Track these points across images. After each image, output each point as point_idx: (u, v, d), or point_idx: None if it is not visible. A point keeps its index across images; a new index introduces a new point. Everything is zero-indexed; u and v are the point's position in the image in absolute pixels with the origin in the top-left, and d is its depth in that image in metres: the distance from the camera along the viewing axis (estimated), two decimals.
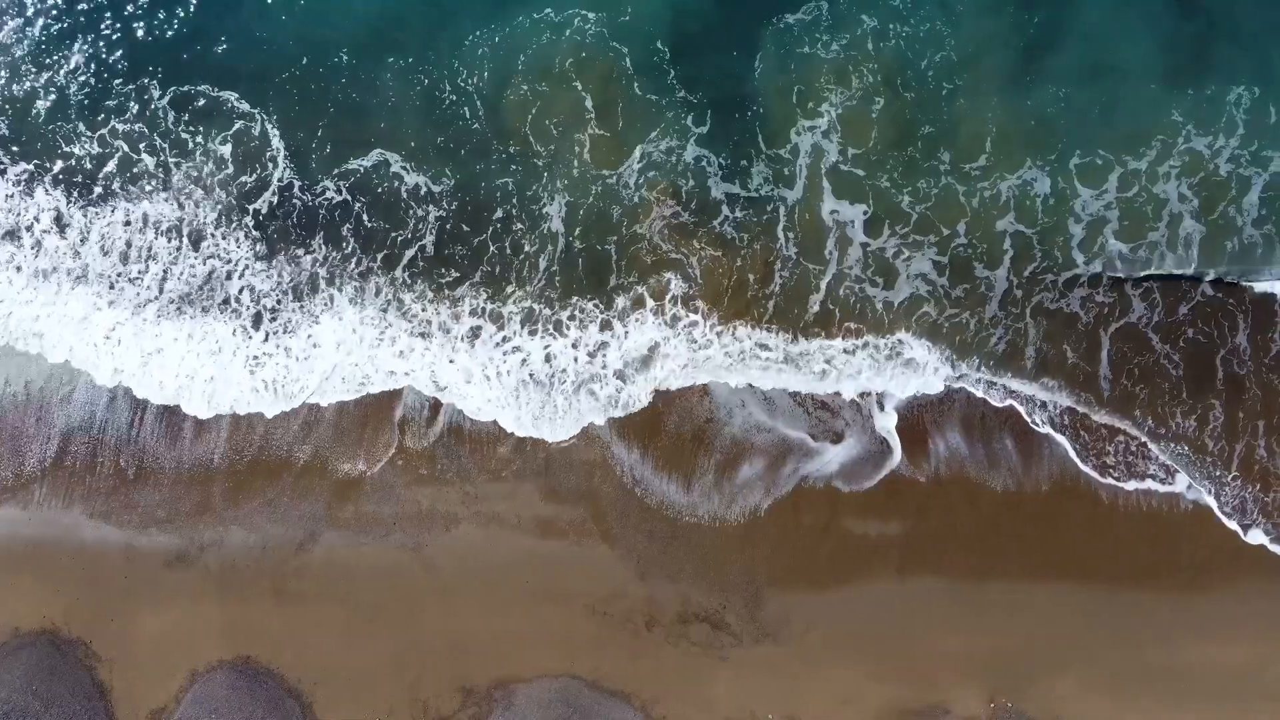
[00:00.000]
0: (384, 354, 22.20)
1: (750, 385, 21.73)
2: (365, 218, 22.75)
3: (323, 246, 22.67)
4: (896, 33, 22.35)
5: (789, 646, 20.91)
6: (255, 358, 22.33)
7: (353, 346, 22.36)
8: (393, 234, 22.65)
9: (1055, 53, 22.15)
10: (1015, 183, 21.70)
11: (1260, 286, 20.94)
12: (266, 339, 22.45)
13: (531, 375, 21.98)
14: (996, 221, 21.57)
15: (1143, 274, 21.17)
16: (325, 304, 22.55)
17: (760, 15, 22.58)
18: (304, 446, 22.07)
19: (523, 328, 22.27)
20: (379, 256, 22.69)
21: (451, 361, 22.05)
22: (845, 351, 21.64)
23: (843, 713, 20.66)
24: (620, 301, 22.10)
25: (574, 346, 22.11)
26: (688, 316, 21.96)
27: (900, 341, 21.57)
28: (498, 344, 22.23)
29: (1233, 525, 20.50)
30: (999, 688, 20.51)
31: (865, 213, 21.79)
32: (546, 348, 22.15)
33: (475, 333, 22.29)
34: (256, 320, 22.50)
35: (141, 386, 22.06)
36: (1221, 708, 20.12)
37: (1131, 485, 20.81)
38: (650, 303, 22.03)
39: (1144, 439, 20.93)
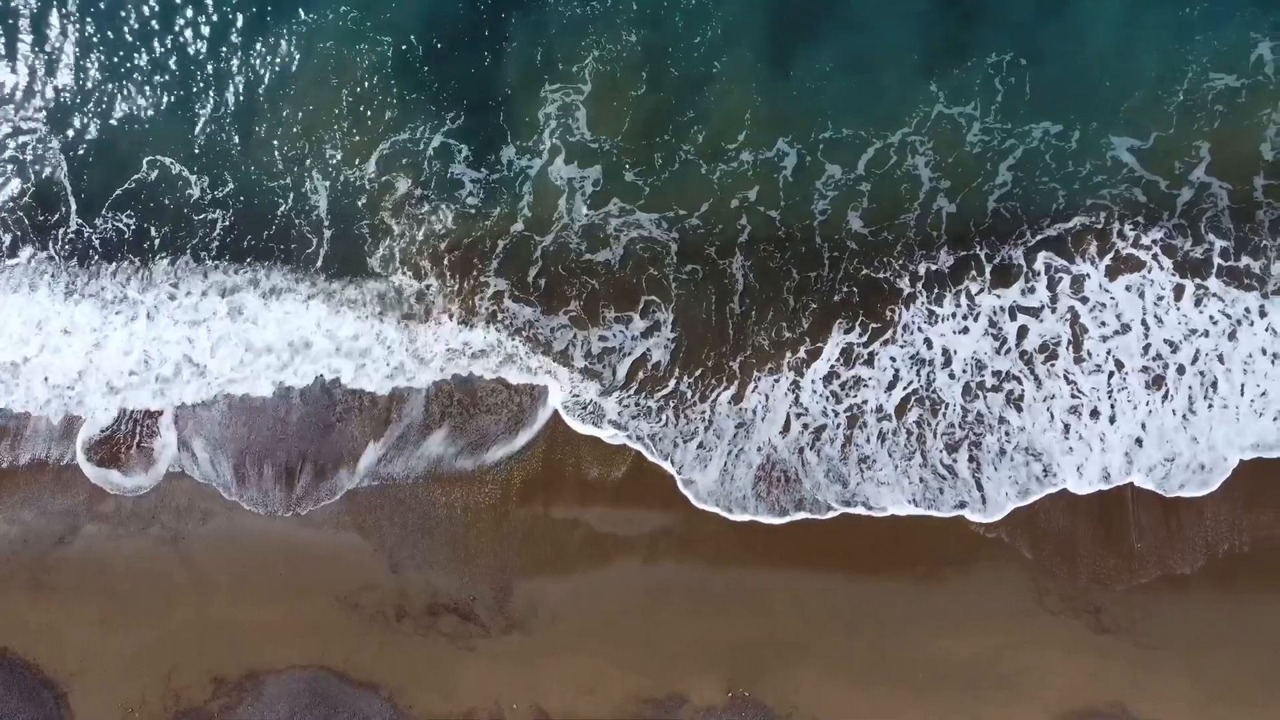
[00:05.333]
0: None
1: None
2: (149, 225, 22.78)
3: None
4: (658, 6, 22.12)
5: (536, 637, 21.07)
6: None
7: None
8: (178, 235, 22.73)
9: (820, 23, 21.86)
10: (768, 155, 21.56)
11: None
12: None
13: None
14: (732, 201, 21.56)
15: None
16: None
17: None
18: (65, 443, 22.18)
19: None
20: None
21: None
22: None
23: (586, 701, 20.85)
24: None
25: None
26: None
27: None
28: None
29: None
30: (738, 677, 20.65)
31: (596, 183, 21.78)
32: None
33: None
34: None
35: None
36: (956, 695, 20.21)
37: None
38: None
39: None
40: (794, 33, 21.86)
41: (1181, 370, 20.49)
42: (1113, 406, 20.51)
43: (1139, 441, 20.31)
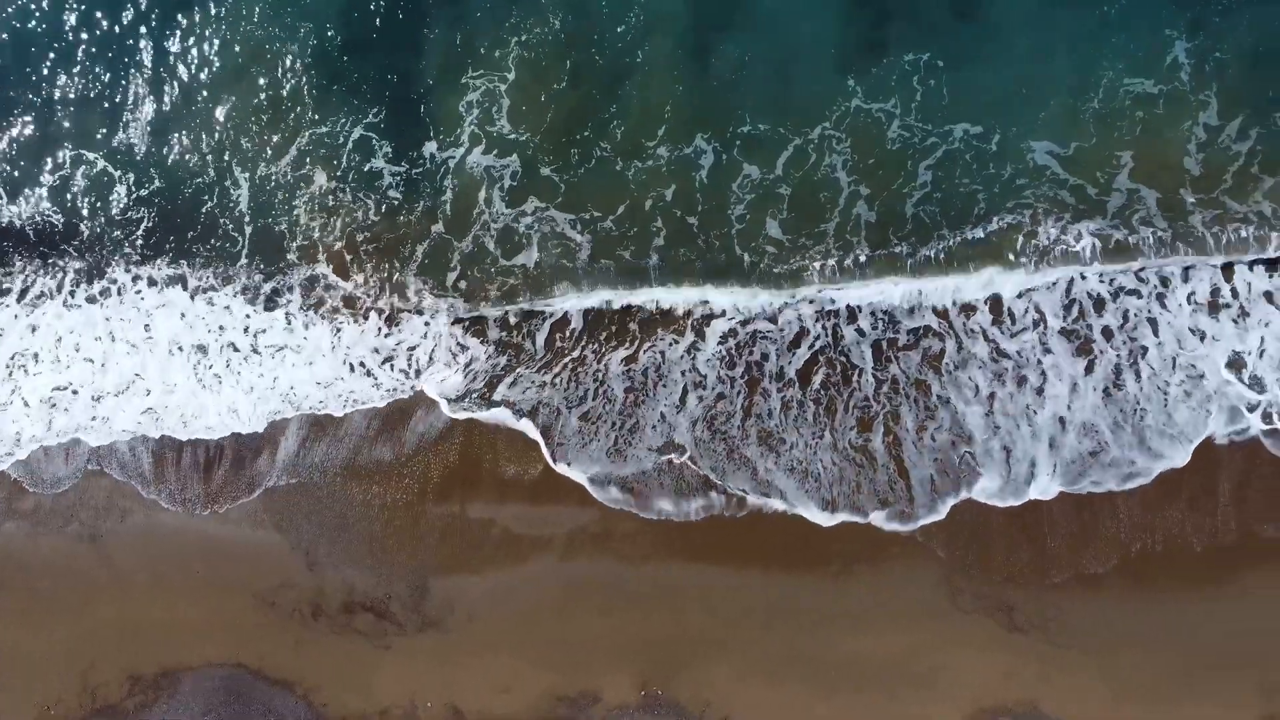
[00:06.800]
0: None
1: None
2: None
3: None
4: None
5: (452, 635, 21.03)
6: None
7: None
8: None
9: (738, 13, 21.75)
10: (686, 152, 21.40)
11: None
12: None
13: None
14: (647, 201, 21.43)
15: None
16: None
17: None
18: None
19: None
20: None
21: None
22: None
23: (501, 700, 20.80)
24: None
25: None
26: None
27: None
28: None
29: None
30: (651, 675, 20.57)
31: (515, 175, 21.70)
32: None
33: None
34: None
35: None
36: (869, 693, 20.10)
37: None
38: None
39: None
40: (713, 22, 21.73)
41: (1109, 334, 20.12)
42: (1043, 374, 20.16)
43: (1062, 422, 20.06)
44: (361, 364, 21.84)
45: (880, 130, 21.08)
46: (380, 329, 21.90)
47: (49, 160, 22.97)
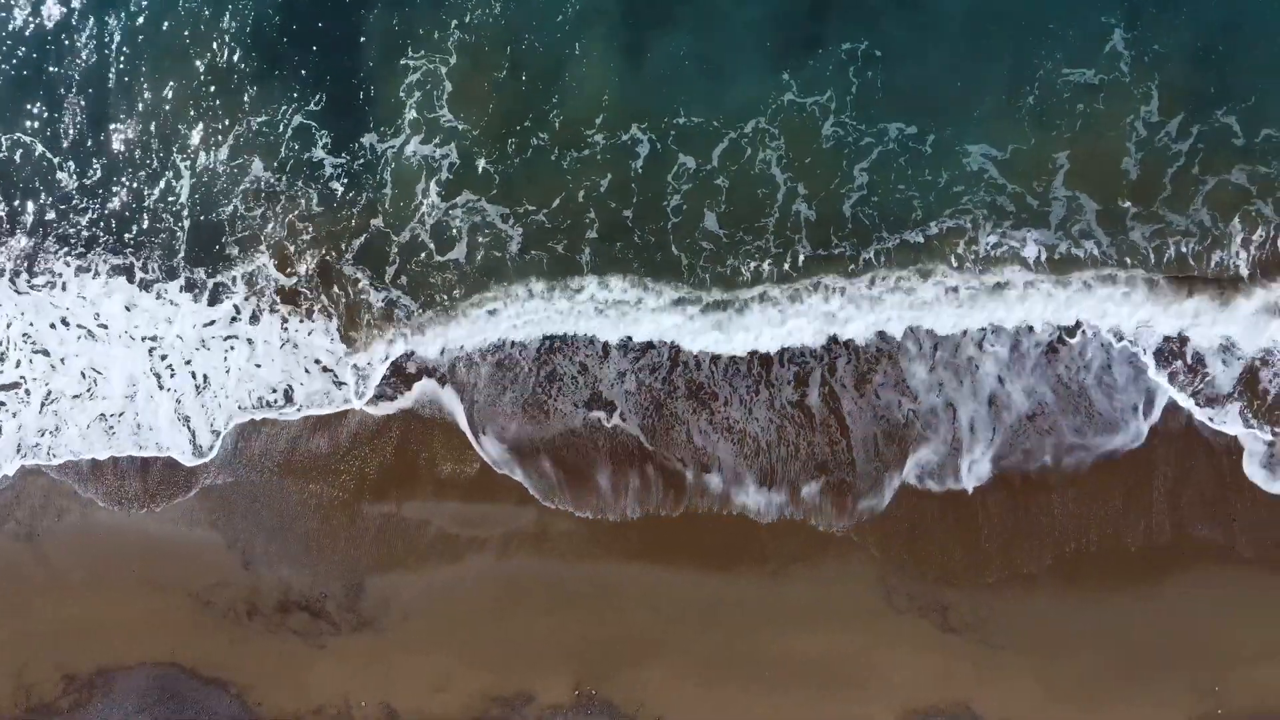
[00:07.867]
0: None
1: None
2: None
3: None
4: None
5: (387, 635, 20.93)
6: None
7: None
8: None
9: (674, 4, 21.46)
10: (622, 139, 21.08)
11: None
12: None
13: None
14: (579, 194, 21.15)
15: None
16: None
17: None
18: None
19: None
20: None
21: None
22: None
23: (436, 699, 20.73)
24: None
25: None
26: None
27: None
28: None
29: None
30: (586, 675, 20.48)
31: (452, 166, 21.42)
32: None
33: None
34: None
35: None
36: (803, 693, 20.01)
37: None
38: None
39: None
40: (649, 11, 21.45)
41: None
42: (983, 330, 19.95)
43: (1001, 381, 19.76)
44: (318, 362, 21.61)
45: (815, 126, 20.74)
46: (331, 334, 21.61)
47: None
